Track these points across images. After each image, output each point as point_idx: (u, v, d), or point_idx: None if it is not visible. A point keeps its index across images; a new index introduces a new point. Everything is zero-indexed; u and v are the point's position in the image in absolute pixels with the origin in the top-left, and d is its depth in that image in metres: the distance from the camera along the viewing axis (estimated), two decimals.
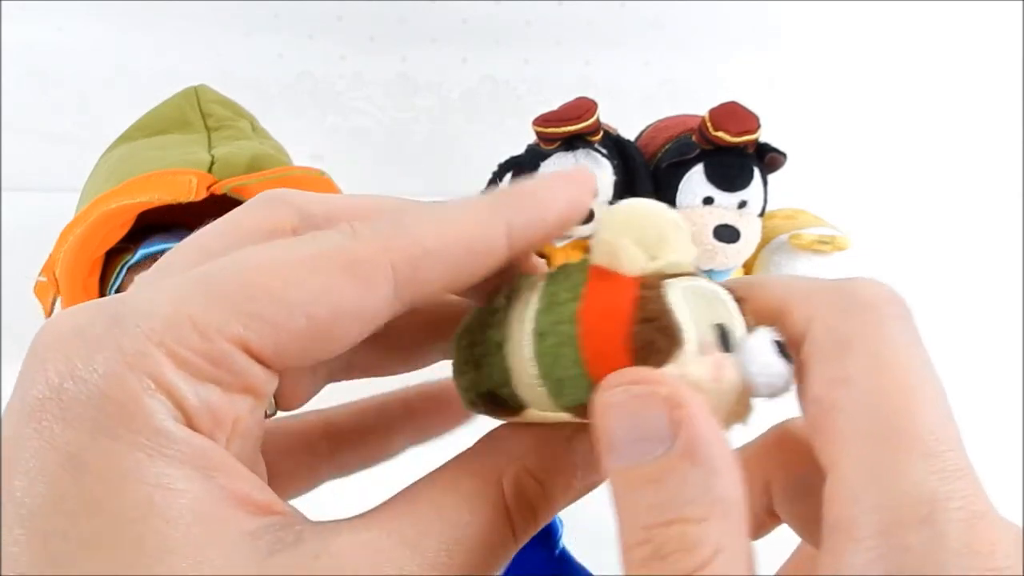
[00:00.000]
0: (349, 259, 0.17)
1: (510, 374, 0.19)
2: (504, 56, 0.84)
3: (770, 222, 0.65)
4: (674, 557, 0.15)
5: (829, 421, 0.17)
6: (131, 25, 0.80)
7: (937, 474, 0.15)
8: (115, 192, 0.51)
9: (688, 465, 0.15)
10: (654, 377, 0.16)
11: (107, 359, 0.15)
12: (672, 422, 0.16)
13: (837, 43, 0.85)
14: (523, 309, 0.19)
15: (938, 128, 0.87)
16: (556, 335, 0.18)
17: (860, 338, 0.17)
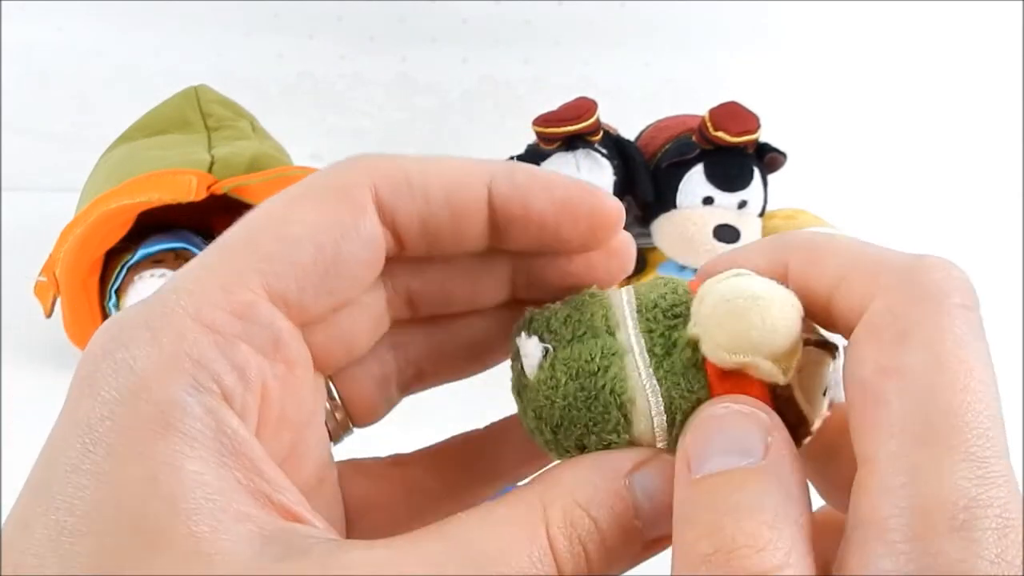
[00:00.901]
0: (337, 185, 0.18)
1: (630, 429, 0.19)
2: (504, 56, 0.84)
3: (770, 222, 0.65)
4: (741, 553, 0.15)
5: (873, 410, 0.16)
6: (131, 25, 0.80)
7: (977, 480, 0.15)
8: (115, 192, 0.52)
9: (772, 481, 0.16)
10: (757, 403, 0.17)
11: (136, 336, 0.15)
12: (765, 442, 0.16)
13: (837, 43, 0.85)
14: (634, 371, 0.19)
15: (938, 128, 0.87)
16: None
17: (921, 328, 0.16)
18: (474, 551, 0.15)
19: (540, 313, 0.20)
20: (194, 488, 0.14)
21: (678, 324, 0.19)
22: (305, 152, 0.74)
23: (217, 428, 0.15)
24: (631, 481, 0.18)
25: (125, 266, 0.52)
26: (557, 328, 0.20)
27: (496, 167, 0.20)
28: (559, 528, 0.16)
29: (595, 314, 0.19)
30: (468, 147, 0.85)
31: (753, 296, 0.18)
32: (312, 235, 0.17)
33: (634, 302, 0.20)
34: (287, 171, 0.54)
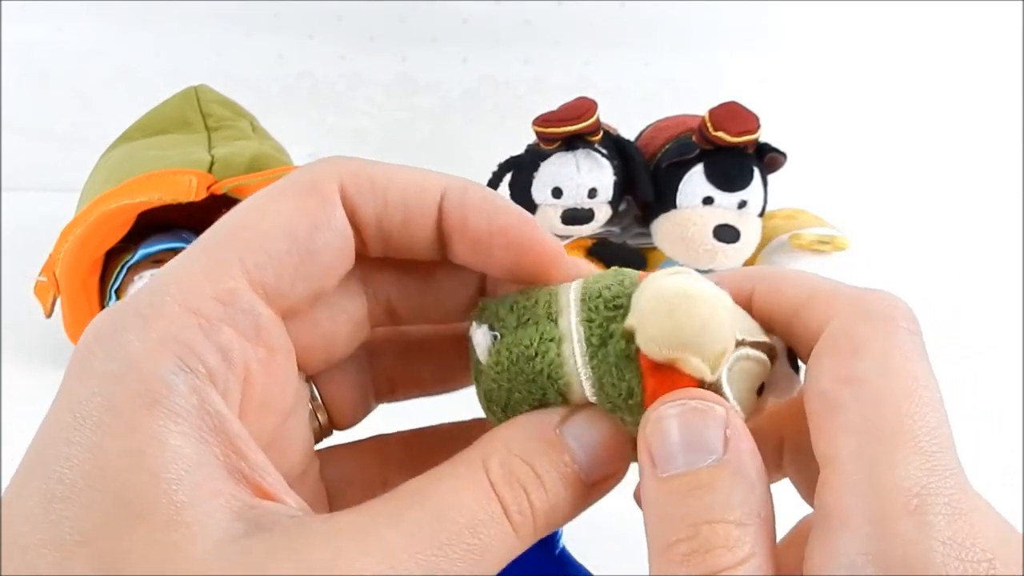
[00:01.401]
0: (308, 180, 0.19)
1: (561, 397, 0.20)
2: (504, 56, 0.84)
3: (770, 222, 0.65)
4: (716, 552, 0.17)
5: (832, 415, 0.18)
6: (131, 25, 0.80)
7: (927, 471, 0.16)
8: (115, 192, 0.51)
9: (737, 476, 0.17)
10: (711, 396, 0.18)
11: (128, 322, 0.16)
12: (724, 437, 0.18)
13: (837, 43, 0.85)
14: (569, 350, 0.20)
15: (938, 128, 0.87)
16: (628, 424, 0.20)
17: (872, 343, 0.18)
18: (428, 506, 0.17)
19: (491, 302, 0.22)
20: (175, 461, 0.15)
21: (617, 316, 0.20)
22: (305, 152, 0.74)
23: (200, 406, 0.16)
24: (561, 431, 0.19)
25: (125, 266, 0.52)
26: (504, 316, 0.21)
27: (454, 181, 0.21)
28: (499, 475, 0.18)
29: (539, 302, 0.21)
30: (468, 147, 0.85)
31: (685, 295, 0.19)
32: (287, 226, 0.19)
33: (580, 292, 0.21)
34: (287, 171, 0.54)
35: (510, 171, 0.61)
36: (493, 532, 0.17)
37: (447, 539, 0.17)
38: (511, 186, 0.61)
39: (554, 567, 0.40)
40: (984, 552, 0.16)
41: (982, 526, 0.16)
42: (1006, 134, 0.88)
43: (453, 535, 0.17)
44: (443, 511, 0.17)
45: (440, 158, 0.85)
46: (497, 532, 0.18)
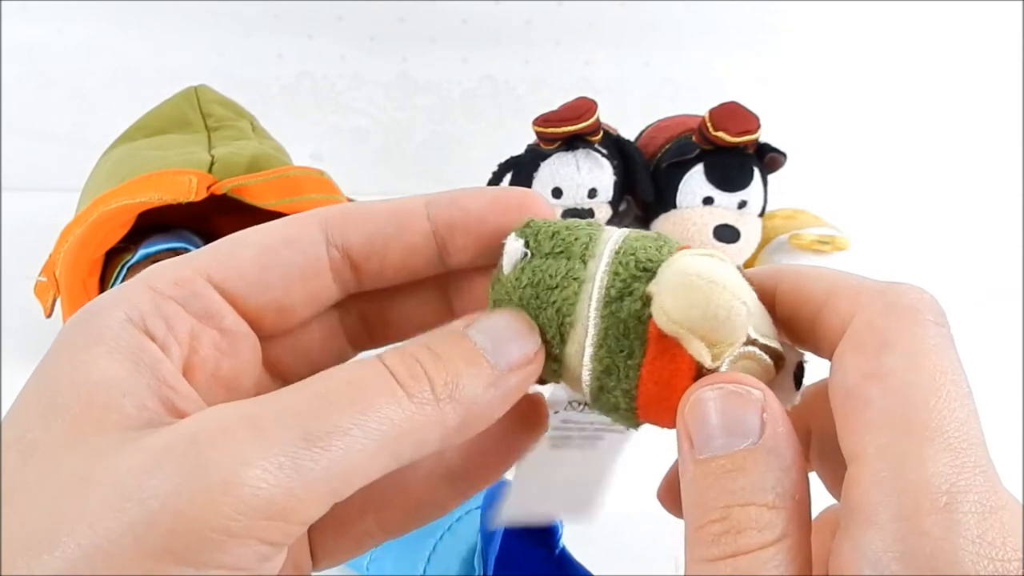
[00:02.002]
0: (293, 216, 0.21)
1: (564, 359, 0.21)
2: (504, 56, 0.84)
3: (770, 222, 0.65)
4: (747, 534, 0.17)
5: (859, 411, 0.17)
6: (131, 25, 0.80)
7: (957, 467, 0.16)
8: (115, 192, 0.51)
9: (770, 459, 0.18)
10: (750, 380, 0.19)
11: (103, 298, 0.19)
12: (761, 421, 0.18)
13: (837, 43, 0.85)
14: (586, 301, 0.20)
15: (938, 128, 0.87)
16: (616, 385, 0.21)
17: (899, 338, 0.18)
18: (320, 386, 0.18)
19: (537, 222, 0.22)
20: (103, 378, 0.17)
21: (643, 277, 0.20)
22: (305, 152, 0.74)
23: (138, 347, 0.18)
24: (465, 330, 0.20)
25: (125, 266, 0.52)
26: (543, 240, 0.21)
27: (437, 195, 0.22)
28: (394, 356, 0.19)
29: (579, 239, 0.21)
30: (468, 147, 0.85)
31: (708, 279, 0.19)
32: (259, 241, 0.21)
33: (617, 243, 0.21)
34: (287, 171, 0.54)
35: (510, 171, 0.61)
36: (377, 387, 0.18)
37: (325, 390, 0.17)
38: (511, 186, 0.62)
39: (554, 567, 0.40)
40: (1015, 551, 0.15)
41: (1013, 524, 0.16)
42: (1006, 134, 0.88)
43: (332, 388, 0.17)
44: (338, 387, 0.18)
45: (440, 158, 0.85)
46: (382, 388, 0.18)
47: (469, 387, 0.19)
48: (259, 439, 0.16)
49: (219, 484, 0.16)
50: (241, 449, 0.16)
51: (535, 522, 0.25)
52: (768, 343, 0.20)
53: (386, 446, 0.17)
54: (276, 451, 0.16)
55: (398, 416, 0.18)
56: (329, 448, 0.16)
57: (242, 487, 0.16)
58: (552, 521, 0.39)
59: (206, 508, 0.15)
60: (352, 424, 0.17)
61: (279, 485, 0.16)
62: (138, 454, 0.16)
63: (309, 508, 0.17)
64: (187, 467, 0.16)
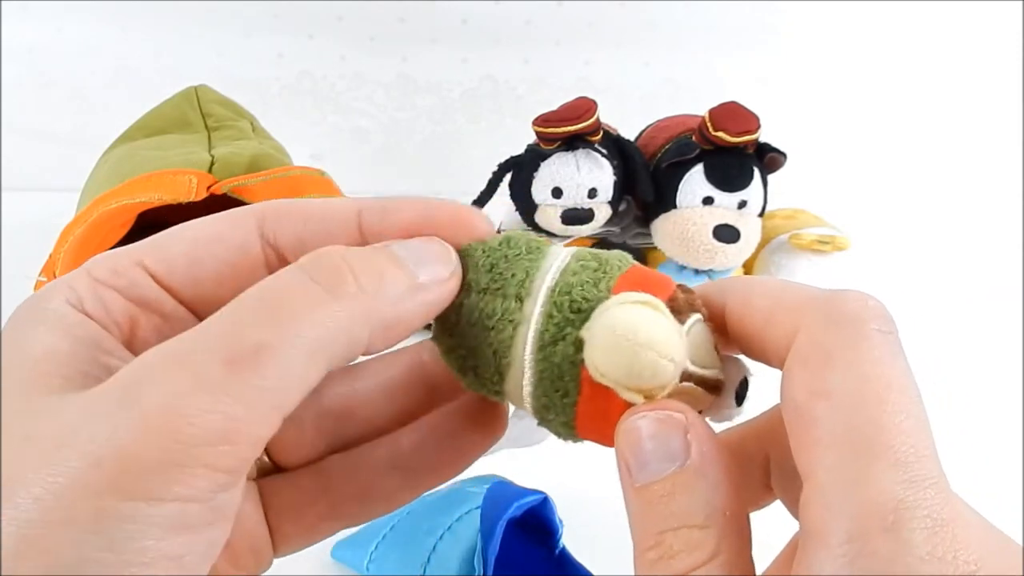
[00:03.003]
0: (228, 212, 0.22)
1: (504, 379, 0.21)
2: (504, 56, 0.84)
3: (770, 222, 0.65)
4: (679, 557, 0.17)
5: (808, 430, 0.17)
6: (131, 25, 0.80)
7: (904, 483, 0.16)
8: (115, 192, 0.51)
9: (697, 479, 0.18)
10: (671, 405, 0.19)
11: (47, 286, 0.20)
12: (686, 443, 0.18)
13: (837, 43, 0.85)
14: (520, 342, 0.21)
15: (938, 128, 0.87)
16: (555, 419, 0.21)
17: (841, 351, 0.18)
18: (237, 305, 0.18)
19: (473, 251, 0.22)
20: (47, 352, 0.18)
21: (575, 320, 0.20)
22: (305, 152, 0.74)
23: (78, 324, 0.19)
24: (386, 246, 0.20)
25: None
26: (480, 274, 0.21)
27: (370, 200, 0.22)
28: (312, 259, 0.19)
29: (515, 276, 0.21)
30: (468, 147, 0.85)
31: (633, 341, 0.19)
32: (192, 235, 0.21)
33: (556, 277, 0.21)
34: (287, 171, 0.54)
35: (510, 171, 0.61)
36: (298, 292, 0.18)
37: (243, 307, 0.18)
38: (511, 186, 0.62)
39: (554, 567, 0.40)
40: (967, 564, 0.15)
41: (964, 536, 0.16)
42: (1006, 134, 0.88)
43: (250, 305, 0.18)
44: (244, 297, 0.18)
45: (440, 158, 0.85)
46: (303, 292, 0.18)
47: (393, 284, 0.19)
48: (186, 370, 0.17)
49: (155, 418, 0.16)
50: (171, 382, 0.16)
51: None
52: (704, 374, 0.20)
53: (318, 350, 0.17)
54: (204, 377, 0.16)
55: (324, 317, 0.18)
56: (257, 364, 0.17)
57: (177, 417, 0.16)
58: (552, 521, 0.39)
59: (146, 442, 0.16)
60: (276, 336, 0.17)
61: (214, 410, 0.16)
62: (76, 406, 0.17)
63: (253, 427, 0.17)
64: (122, 408, 0.16)
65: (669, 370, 0.19)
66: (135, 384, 0.17)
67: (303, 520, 0.24)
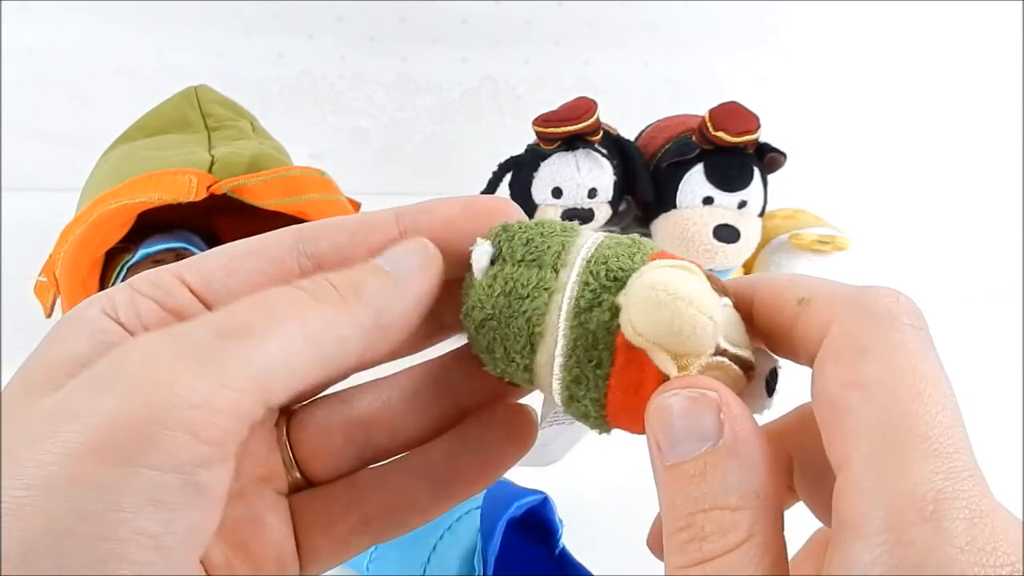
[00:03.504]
0: (270, 232, 0.22)
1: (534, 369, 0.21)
2: (504, 56, 0.84)
3: (770, 222, 0.65)
4: (711, 539, 0.17)
5: (841, 421, 0.17)
6: (131, 25, 0.80)
7: (943, 473, 0.16)
8: (115, 192, 0.51)
9: (731, 459, 0.18)
10: (705, 383, 0.19)
11: (91, 297, 0.21)
12: (719, 422, 0.18)
13: (837, 43, 0.85)
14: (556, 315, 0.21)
15: (938, 128, 0.87)
16: (586, 395, 0.21)
17: (876, 345, 0.18)
18: (232, 306, 0.19)
19: (511, 227, 0.22)
20: (70, 354, 0.19)
21: (613, 287, 0.20)
22: (305, 152, 0.74)
23: (105, 330, 0.20)
24: (371, 260, 0.21)
25: (125, 266, 0.52)
26: (516, 247, 0.22)
27: (403, 206, 0.23)
28: (304, 280, 0.20)
29: (551, 247, 0.21)
30: (468, 147, 0.85)
31: (674, 295, 0.19)
32: (230, 250, 0.22)
33: (590, 251, 0.21)
34: (287, 171, 0.54)
35: (510, 171, 0.61)
36: (287, 298, 0.19)
37: (237, 307, 0.19)
38: (511, 186, 0.62)
39: (554, 567, 0.40)
40: (1007, 555, 0.15)
41: (1003, 529, 0.16)
42: (1006, 134, 0.88)
43: (243, 305, 0.19)
44: (238, 301, 0.19)
45: (440, 158, 0.85)
46: (291, 298, 0.19)
47: (372, 289, 0.20)
48: (175, 342, 0.17)
49: (139, 383, 0.16)
50: (159, 352, 0.17)
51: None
52: (738, 352, 0.20)
53: (304, 342, 0.18)
54: (191, 348, 0.17)
55: (308, 315, 0.19)
56: (242, 340, 0.17)
57: (160, 381, 0.16)
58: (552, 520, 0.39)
59: (129, 406, 0.16)
60: (263, 322, 0.18)
61: (196, 373, 0.17)
62: (71, 385, 0.17)
63: (236, 398, 0.17)
64: (110, 377, 0.17)
65: (709, 329, 0.19)
66: (126, 358, 0.17)
67: (333, 533, 0.24)
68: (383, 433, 0.25)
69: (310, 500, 0.24)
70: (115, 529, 0.15)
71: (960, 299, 0.68)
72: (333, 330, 0.19)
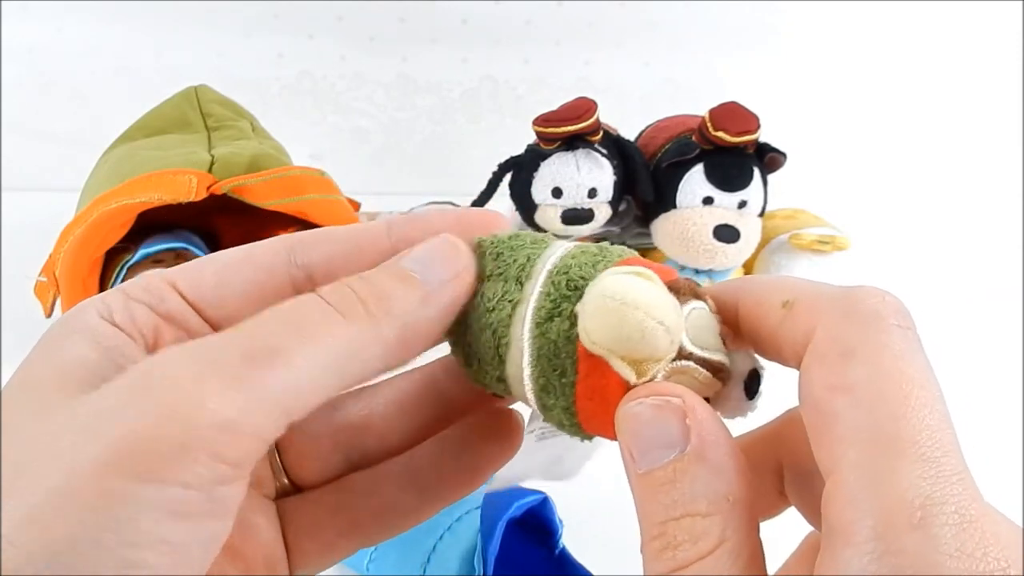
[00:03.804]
0: (263, 240, 0.23)
1: (506, 375, 0.22)
2: (504, 56, 0.84)
3: (770, 222, 0.65)
4: (683, 547, 0.17)
5: (829, 426, 0.17)
6: (131, 25, 0.80)
7: (931, 479, 0.16)
8: (115, 192, 0.51)
9: (699, 466, 0.17)
10: (669, 389, 0.18)
11: (84, 302, 0.21)
12: (685, 428, 0.18)
13: (837, 43, 0.85)
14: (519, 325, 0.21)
15: (938, 128, 0.87)
16: (556, 403, 0.21)
17: (862, 347, 0.17)
18: (257, 320, 0.19)
19: (484, 242, 0.23)
20: (77, 359, 0.19)
21: (572, 296, 0.20)
22: (305, 152, 0.74)
23: (108, 335, 0.20)
24: (397, 260, 0.21)
25: (125, 266, 0.52)
26: (487, 262, 0.22)
27: (394, 217, 0.23)
28: (328, 287, 0.20)
29: (517, 261, 0.22)
30: (468, 147, 0.85)
31: (623, 302, 0.19)
32: (223, 258, 0.22)
33: (556, 262, 0.21)
34: (287, 171, 0.54)
35: (510, 171, 0.61)
36: (313, 313, 0.19)
37: (262, 322, 0.18)
38: (511, 186, 0.62)
39: (554, 567, 0.40)
40: (996, 560, 0.15)
41: (993, 533, 0.15)
42: (1006, 134, 0.88)
43: (269, 319, 0.19)
44: (263, 315, 0.19)
45: (440, 158, 0.85)
46: (318, 314, 0.19)
47: (401, 302, 0.20)
48: (202, 362, 0.17)
49: (167, 402, 0.17)
50: (186, 371, 0.17)
51: (518, 483, 0.27)
52: (706, 356, 0.20)
53: (330, 364, 0.18)
54: (219, 370, 0.17)
55: (336, 335, 0.19)
56: (271, 365, 0.17)
57: (189, 401, 0.16)
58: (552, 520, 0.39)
59: (157, 424, 0.16)
60: (291, 345, 0.18)
61: (224, 397, 0.17)
62: (94, 398, 0.17)
63: (260, 422, 0.17)
64: (136, 392, 0.17)
65: (659, 333, 0.19)
66: (152, 374, 0.17)
67: (322, 537, 0.24)
68: (371, 439, 0.25)
69: (298, 505, 0.24)
70: (138, 536, 0.16)
71: (960, 299, 0.68)
72: (359, 352, 0.19)
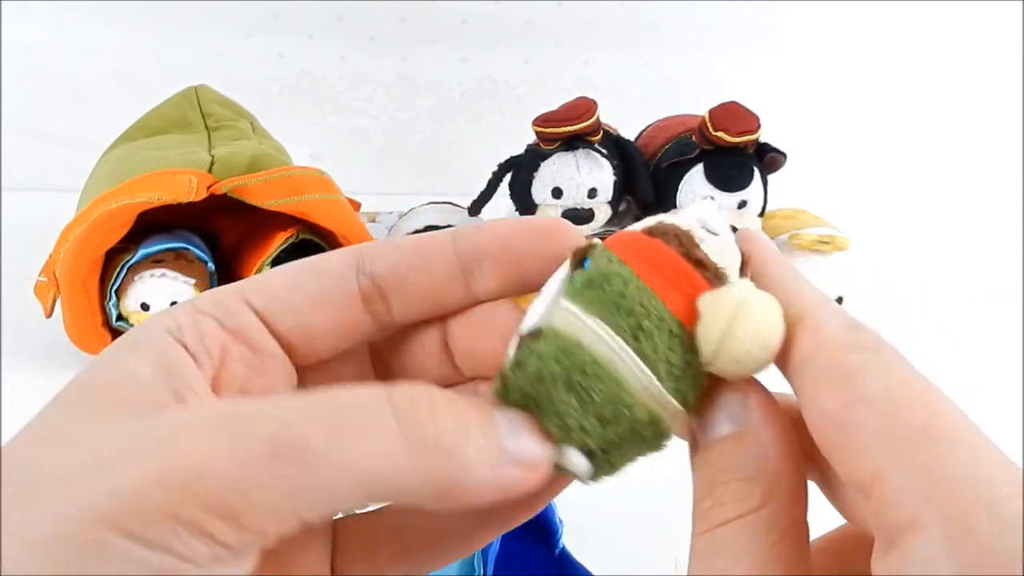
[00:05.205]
0: (331, 251, 0.23)
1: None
2: (504, 56, 0.84)
3: (770, 222, 0.65)
4: (730, 504, 0.19)
5: (853, 438, 0.17)
6: (131, 25, 0.80)
7: (983, 460, 0.16)
8: (115, 192, 0.51)
9: (750, 441, 0.19)
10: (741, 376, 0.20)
11: (157, 314, 0.21)
12: (745, 407, 0.20)
13: (837, 43, 0.86)
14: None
15: (938, 128, 0.87)
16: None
17: (869, 366, 0.18)
18: (309, 399, 0.18)
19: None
20: (129, 376, 0.19)
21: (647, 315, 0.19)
22: (305, 152, 0.74)
23: (167, 353, 0.20)
24: (489, 406, 0.20)
25: (125, 266, 0.52)
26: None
27: (460, 227, 0.23)
28: (405, 389, 0.18)
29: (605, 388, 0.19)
30: (468, 147, 0.85)
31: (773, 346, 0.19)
32: (293, 268, 0.22)
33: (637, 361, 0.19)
34: (287, 171, 0.54)
35: (510, 171, 0.61)
36: (370, 415, 0.17)
37: (312, 404, 0.17)
38: (511, 186, 0.62)
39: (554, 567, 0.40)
40: None
41: None
42: (1006, 134, 0.88)
43: (319, 404, 0.17)
44: (319, 394, 0.18)
45: (440, 158, 0.85)
46: (375, 417, 0.17)
47: (470, 449, 0.18)
48: (227, 438, 0.16)
49: (177, 472, 0.16)
50: (207, 443, 0.16)
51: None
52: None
53: (360, 482, 0.17)
54: (241, 453, 0.16)
55: (381, 454, 0.17)
56: (298, 462, 0.16)
57: (196, 480, 0.16)
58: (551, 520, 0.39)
59: (161, 492, 0.16)
60: (326, 447, 0.16)
61: (234, 487, 0.16)
62: (121, 435, 0.17)
63: (266, 520, 0.16)
64: (153, 452, 0.16)
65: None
66: (177, 433, 0.17)
67: (374, 560, 0.23)
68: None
69: (353, 525, 0.23)
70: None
71: (960, 299, 0.68)
72: (398, 482, 0.17)
